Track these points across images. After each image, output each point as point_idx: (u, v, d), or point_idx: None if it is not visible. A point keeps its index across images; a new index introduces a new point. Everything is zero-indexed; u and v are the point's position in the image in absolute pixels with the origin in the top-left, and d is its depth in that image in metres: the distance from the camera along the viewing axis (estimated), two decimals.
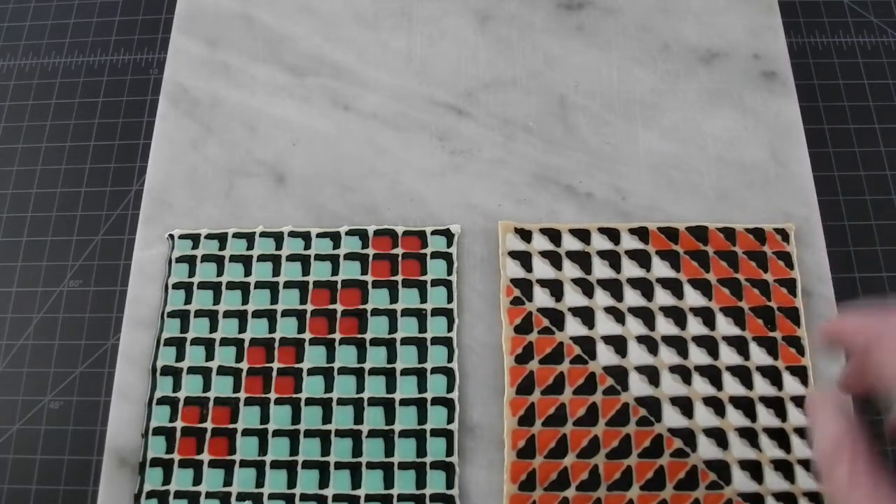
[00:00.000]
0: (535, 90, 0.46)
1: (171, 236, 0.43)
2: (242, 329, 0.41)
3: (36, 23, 0.59)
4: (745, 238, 0.41)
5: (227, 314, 0.41)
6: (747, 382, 0.39)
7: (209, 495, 0.38)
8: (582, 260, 0.41)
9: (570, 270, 0.41)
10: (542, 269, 0.41)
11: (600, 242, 0.42)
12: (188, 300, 0.41)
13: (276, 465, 0.38)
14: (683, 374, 0.39)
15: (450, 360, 0.39)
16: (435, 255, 0.42)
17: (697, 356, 0.39)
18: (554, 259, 0.41)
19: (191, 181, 0.45)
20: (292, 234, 0.43)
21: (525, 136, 0.45)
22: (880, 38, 0.54)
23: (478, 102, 0.46)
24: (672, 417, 0.38)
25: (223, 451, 0.38)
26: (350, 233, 0.42)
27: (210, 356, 0.40)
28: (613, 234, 0.42)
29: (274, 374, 0.40)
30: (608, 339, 0.39)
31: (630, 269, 0.41)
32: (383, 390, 0.39)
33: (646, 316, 0.40)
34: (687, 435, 0.38)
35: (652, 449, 0.37)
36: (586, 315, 0.40)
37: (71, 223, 0.51)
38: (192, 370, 0.40)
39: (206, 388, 0.40)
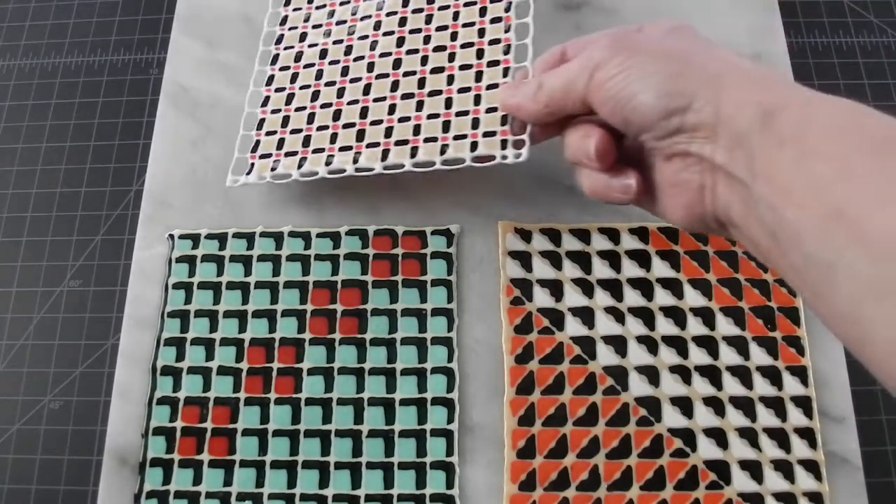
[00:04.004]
0: None
1: (171, 236, 0.43)
2: (242, 329, 0.41)
3: (36, 23, 0.59)
4: None
5: (227, 314, 0.41)
6: (747, 382, 0.39)
7: (209, 495, 0.38)
8: (582, 260, 0.41)
9: (570, 270, 0.41)
10: (542, 269, 0.41)
11: (600, 242, 0.42)
12: (188, 300, 0.41)
13: (276, 465, 0.38)
14: (683, 374, 0.39)
15: (450, 360, 0.39)
16: (435, 255, 0.42)
17: (697, 356, 0.39)
18: (554, 259, 0.41)
19: (191, 181, 0.45)
20: (292, 234, 0.43)
21: None
22: (880, 38, 0.54)
23: None
24: (672, 417, 0.38)
25: (223, 451, 0.38)
26: (350, 233, 0.42)
27: (210, 356, 0.40)
28: (613, 234, 0.42)
29: (274, 374, 0.40)
30: (608, 339, 0.39)
31: (630, 269, 0.41)
32: (383, 390, 0.39)
33: (646, 316, 0.40)
34: (687, 435, 0.38)
35: (652, 449, 0.37)
36: (586, 315, 0.40)
37: (71, 223, 0.52)
38: (192, 370, 0.40)
39: (206, 388, 0.40)
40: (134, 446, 0.39)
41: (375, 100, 0.41)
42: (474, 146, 0.38)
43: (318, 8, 0.47)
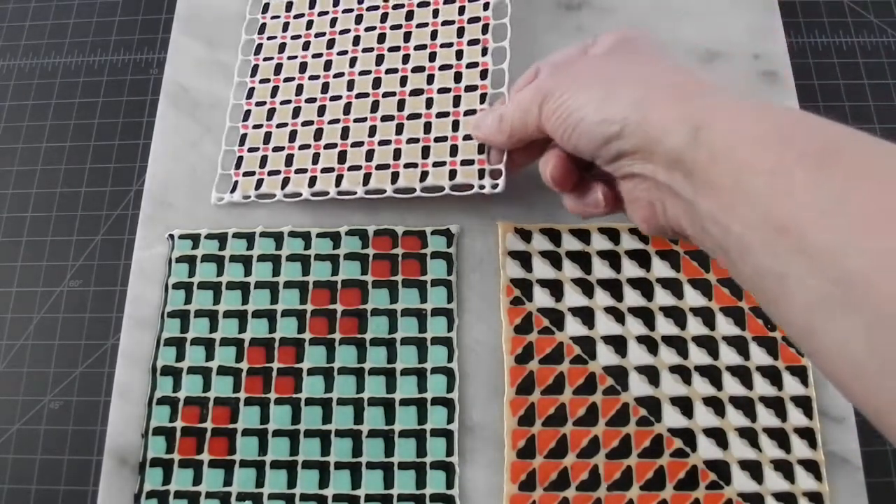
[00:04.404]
0: None
1: (171, 236, 0.43)
2: (242, 329, 0.41)
3: (36, 23, 0.59)
4: None
5: (227, 314, 0.41)
6: (747, 382, 0.39)
7: (209, 495, 0.38)
8: (582, 260, 0.41)
9: (570, 270, 0.41)
10: (542, 269, 0.41)
11: (600, 242, 0.42)
12: (188, 300, 0.41)
13: (276, 465, 0.38)
14: (683, 374, 0.39)
15: (450, 360, 0.39)
16: (435, 255, 0.42)
17: (697, 356, 0.39)
18: (554, 259, 0.41)
19: (191, 181, 0.45)
20: (292, 234, 0.43)
21: None
22: (880, 38, 0.54)
23: None
24: (672, 417, 0.38)
25: (223, 451, 0.38)
26: (350, 233, 0.42)
27: (210, 356, 0.40)
28: (613, 234, 0.42)
29: (274, 374, 0.40)
30: (608, 339, 0.39)
31: (630, 269, 0.41)
32: (383, 390, 0.39)
33: (646, 316, 0.40)
34: (687, 435, 0.38)
35: (652, 449, 0.37)
36: (586, 315, 0.40)
37: (71, 223, 0.52)
38: (192, 370, 0.40)
39: (206, 388, 0.40)
40: (134, 446, 0.39)
41: (356, 120, 0.42)
42: (453, 174, 0.39)
43: (296, 17, 0.47)
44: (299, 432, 0.38)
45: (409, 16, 0.45)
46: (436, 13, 0.44)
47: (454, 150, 0.40)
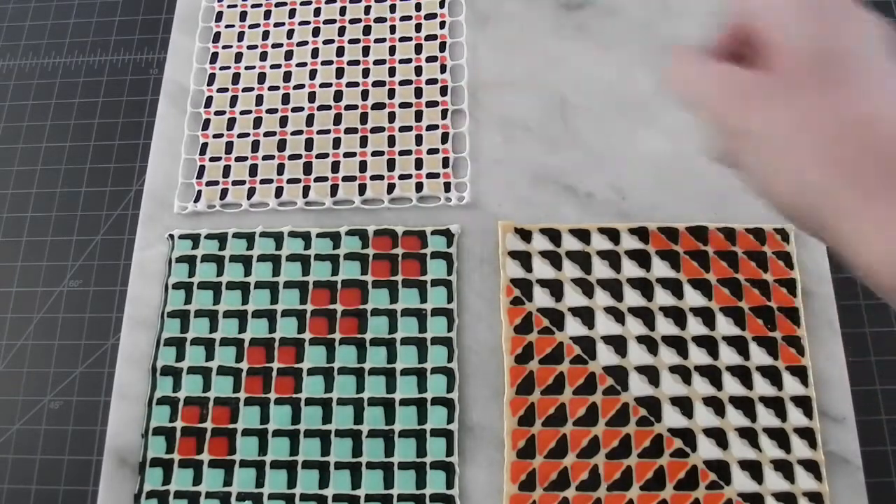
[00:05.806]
0: (535, 90, 0.46)
1: (171, 236, 0.43)
2: (242, 329, 0.41)
3: (36, 23, 0.59)
4: (744, 238, 0.41)
5: (227, 314, 0.41)
6: (747, 382, 0.38)
7: (209, 495, 0.38)
8: (582, 260, 0.41)
9: (570, 270, 0.41)
10: (542, 269, 0.41)
11: (600, 242, 0.42)
12: (188, 300, 0.41)
13: (276, 465, 0.38)
14: (683, 374, 0.39)
15: (450, 360, 0.39)
16: (435, 255, 0.42)
17: (697, 356, 0.39)
18: (554, 259, 0.41)
19: (190, 181, 0.45)
20: (292, 234, 0.43)
21: (525, 136, 0.45)
22: None
23: (478, 102, 0.46)
24: (672, 417, 0.38)
25: (223, 451, 0.38)
26: (350, 233, 0.42)
27: (210, 356, 0.40)
28: (613, 234, 0.42)
29: (274, 374, 0.40)
30: (608, 339, 0.39)
31: (630, 269, 0.41)
32: (383, 390, 0.39)
33: (646, 316, 0.40)
34: (687, 435, 0.38)
35: (652, 449, 0.37)
36: (586, 315, 0.40)
37: (71, 223, 0.52)
38: (192, 370, 0.40)
39: (206, 388, 0.40)
40: (134, 446, 0.39)
41: (319, 132, 0.43)
42: (419, 187, 0.42)
43: (251, 27, 0.47)
44: (299, 432, 0.38)
45: (367, 31, 0.46)
46: (393, 29, 0.46)
47: (419, 164, 0.42)
